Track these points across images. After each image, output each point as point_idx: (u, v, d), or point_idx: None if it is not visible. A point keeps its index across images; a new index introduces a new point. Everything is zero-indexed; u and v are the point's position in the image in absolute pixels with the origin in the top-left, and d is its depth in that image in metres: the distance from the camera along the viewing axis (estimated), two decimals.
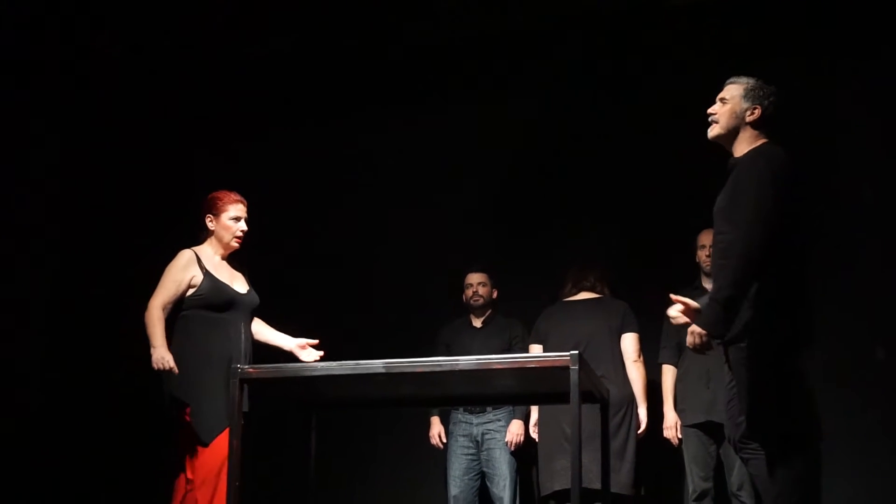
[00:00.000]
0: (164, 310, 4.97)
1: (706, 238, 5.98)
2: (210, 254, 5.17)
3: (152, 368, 4.85)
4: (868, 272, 6.13)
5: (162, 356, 4.84)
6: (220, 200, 5.19)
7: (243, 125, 7.22)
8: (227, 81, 7.30)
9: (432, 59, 7.06)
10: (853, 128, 6.28)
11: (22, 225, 6.47)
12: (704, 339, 4.28)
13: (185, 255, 5.11)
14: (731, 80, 4.57)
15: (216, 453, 4.81)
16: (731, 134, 4.50)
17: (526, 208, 6.93)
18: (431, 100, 7.10)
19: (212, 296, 5.05)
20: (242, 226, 5.20)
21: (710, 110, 4.54)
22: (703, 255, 6.08)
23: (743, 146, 4.47)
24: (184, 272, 5.05)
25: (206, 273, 5.08)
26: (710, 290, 4.67)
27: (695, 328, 4.31)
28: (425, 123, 7.07)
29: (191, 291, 5.04)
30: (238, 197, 5.23)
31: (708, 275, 6.04)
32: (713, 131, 4.53)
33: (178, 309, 5.04)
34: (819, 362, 5.95)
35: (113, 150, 7.04)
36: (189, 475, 4.85)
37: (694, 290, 6.13)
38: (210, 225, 5.19)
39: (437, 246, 6.94)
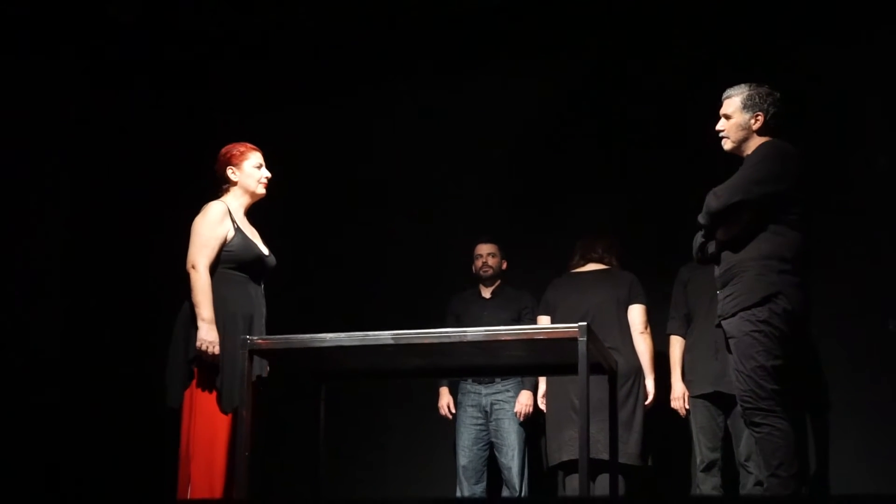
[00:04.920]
0: (210, 271, 4.78)
1: None
2: (236, 207, 4.99)
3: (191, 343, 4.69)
4: (881, 243, 6.12)
5: (213, 341, 4.68)
6: (239, 150, 5.02)
7: (258, 97, 7.21)
8: (236, 53, 7.28)
9: (444, 31, 7.03)
10: (868, 97, 6.26)
11: (34, 195, 6.45)
12: None
13: (219, 208, 4.91)
14: (727, 93, 4.86)
15: (209, 425, 4.69)
16: (742, 143, 4.82)
17: (536, 180, 6.92)
18: (444, 72, 7.06)
19: (242, 254, 4.88)
20: (266, 172, 5.04)
21: (717, 127, 4.86)
22: None
23: (754, 148, 4.79)
24: (221, 226, 4.85)
25: (238, 229, 4.91)
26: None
27: None
28: (438, 95, 7.05)
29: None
30: (254, 146, 5.07)
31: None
32: (727, 146, 4.86)
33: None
34: (832, 334, 6.02)
35: (128, 121, 7.02)
36: (187, 449, 4.72)
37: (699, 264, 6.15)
38: (233, 176, 4.99)
39: (448, 217, 6.95)
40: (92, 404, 6.59)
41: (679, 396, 6.09)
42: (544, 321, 6.18)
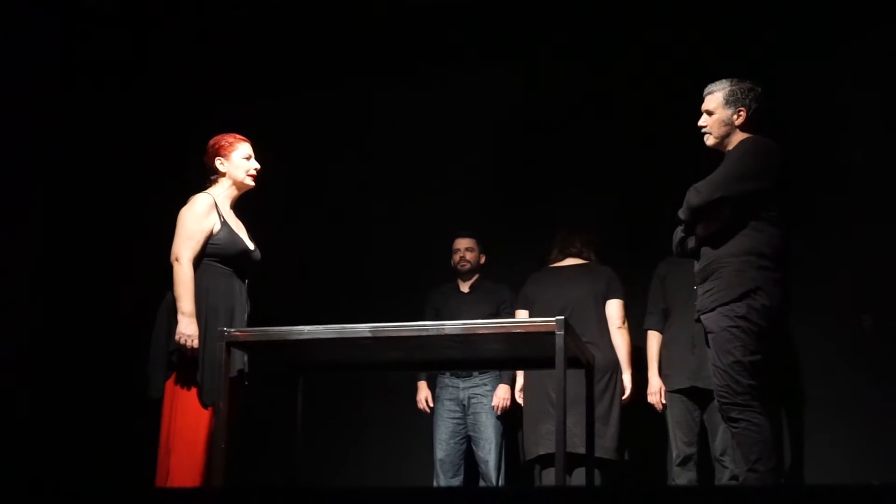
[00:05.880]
0: (193, 263, 4.77)
1: None
2: (222, 200, 4.98)
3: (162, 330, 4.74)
4: (856, 240, 6.15)
5: (191, 334, 4.67)
6: (228, 141, 5.01)
7: (239, 90, 7.19)
8: (222, 44, 7.27)
9: (428, 25, 7.03)
10: (846, 94, 6.29)
11: (15, 187, 6.43)
12: None
13: (206, 201, 4.90)
14: (709, 88, 4.86)
15: (190, 418, 4.69)
16: (724, 139, 4.83)
17: (516, 175, 6.94)
18: (426, 67, 7.07)
19: (227, 247, 4.87)
20: (255, 163, 5.02)
21: (700, 123, 4.85)
22: None
23: (735, 143, 4.80)
24: (206, 219, 4.85)
25: (224, 222, 4.90)
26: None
27: None
28: (420, 90, 7.05)
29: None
30: (243, 137, 5.06)
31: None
32: (709, 141, 4.86)
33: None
34: (806, 329, 6.06)
35: (109, 115, 7.00)
36: (167, 442, 4.73)
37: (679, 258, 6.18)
38: (222, 167, 4.98)
39: (428, 211, 6.96)
40: (72, 395, 6.58)
41: (656, 391, 6.12)
42: (523, 315, 6.20)
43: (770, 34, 6.44)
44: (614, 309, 6.15)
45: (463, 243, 6.63)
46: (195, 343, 4.70)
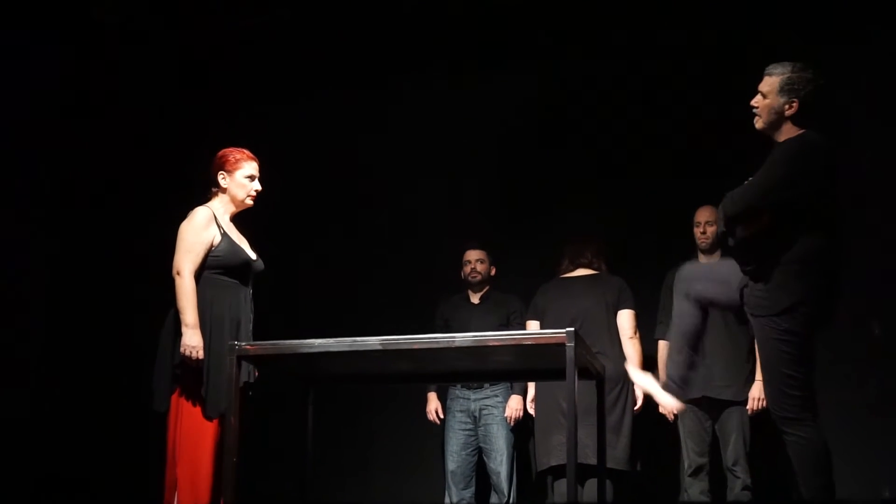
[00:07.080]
0: (194, 276, 4.78)
1: (702, 215, 6.06)
2: (221, 213, 4.98)
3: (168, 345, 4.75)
4: (865, 248, 6.13)
5: (195, 345, 4.68)
6: (235, 157, 4.99)
7: (244, 99, 7.21)
8: (226, 52, 7.28)
9: (432, 36, 7.04)
10: (854, 98, 6.27)
11: (18, 196, 6.44)
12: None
13: (205, 213, 4.90)
14: (769, 69, 4.59)
15: (195, 430, 4.70)
16: (774, 126, 4.56)
17: (524, 185, 6.94)
18: (432, 77, 7.07)
19: (229, 258, 4.88)
20: (257, 185, 5.01)
21: (752, 102, 4.59)
22: (698, 232, 6.10)
23: (784, 137, 4.54)
24: (206, 231, 4.85)
25: (224, 234, 4.90)
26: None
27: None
28: (424, 98, 7.06)
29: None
30: (252, 155, 5.04)
31: (704, 251, 6.08)
32: (758, 124, 4.60)
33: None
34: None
35: (115, 123, 7.02)
36: (173, 454, 4.73)
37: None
38: (223, 182, 4.98)
39: (437, 222, 6.96)
40: (79, 408, 6.59)
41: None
42: (533, 326, 6.19)
43: (771, 34, 6.42)
44: (625, 319, 6.14)
45: (473, 255, 6.63)
46: (200, 354, 4.71)
